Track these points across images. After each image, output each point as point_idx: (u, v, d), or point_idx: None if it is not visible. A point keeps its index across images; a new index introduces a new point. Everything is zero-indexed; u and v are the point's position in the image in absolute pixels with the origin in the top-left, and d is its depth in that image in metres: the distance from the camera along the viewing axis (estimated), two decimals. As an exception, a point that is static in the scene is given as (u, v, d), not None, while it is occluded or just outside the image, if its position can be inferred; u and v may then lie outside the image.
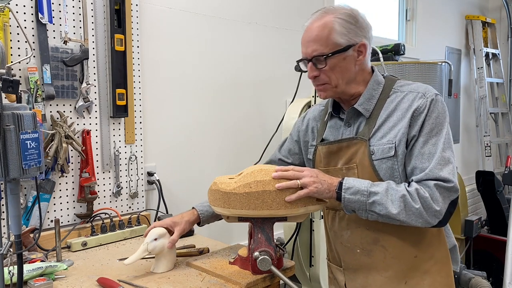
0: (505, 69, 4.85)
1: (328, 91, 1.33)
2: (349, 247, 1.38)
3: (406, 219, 1.21)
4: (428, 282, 1.31)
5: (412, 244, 1.31)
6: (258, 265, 1.31)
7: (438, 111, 1.26)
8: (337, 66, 1.28)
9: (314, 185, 1.24)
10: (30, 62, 1.65)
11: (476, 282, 2.74)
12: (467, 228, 2.96)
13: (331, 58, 1.27)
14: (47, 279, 1.31)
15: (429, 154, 1.23)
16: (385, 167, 1.27)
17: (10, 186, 1.07)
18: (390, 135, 1.27)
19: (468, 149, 4.66)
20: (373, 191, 1.22)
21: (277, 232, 2.30)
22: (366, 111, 1.32)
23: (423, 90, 1.29)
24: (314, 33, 1.28)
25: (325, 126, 1.44)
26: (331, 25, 1.26)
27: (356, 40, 1.28)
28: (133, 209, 2.01)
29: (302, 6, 2.77)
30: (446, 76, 2.94)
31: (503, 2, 4.74)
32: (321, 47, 1.27)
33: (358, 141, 1.31)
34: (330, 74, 1.29)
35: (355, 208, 1.25)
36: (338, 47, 1.27)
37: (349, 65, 1.29)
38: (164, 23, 2.12)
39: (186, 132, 2.24)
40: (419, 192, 1.20)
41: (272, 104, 2.63)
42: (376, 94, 1.33)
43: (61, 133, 1.71)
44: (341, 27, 1.26)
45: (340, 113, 1.41)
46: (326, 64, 1.28)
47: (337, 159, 1.36)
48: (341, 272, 1.44)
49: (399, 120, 1.27)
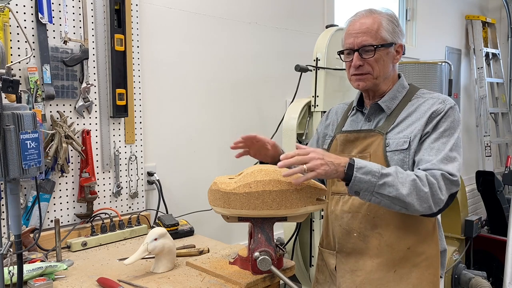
0: (505, 69, 4.85)
1: (368, 81, 1.41)
2: (347, 229, 1.42)
3: (414, 201, 1.23)
4: (415, 275, 1.37)
5: (407, 236, 1.37)
6: (258, 265, 1.31)
7: (454, 117, 1.36)
8: (381, 59, 1.39)
9: (322, 168, 1.21)
10: (30, 62, 1.65)
11: (476, 282, 2.75)
12: (467, 228, 2.95)
13: (379, 50, 1.38)
14: (47, 279, 1.31)
15: (437, 150, 1.30)
16: (396, 158, 1.35)
17: (10, 186, 1.07)
18: (406, 132, 1.36)
19: (468, 149, 4.66)
20: (385, 172, 1.24)
21: (277, 232, 2.30)
22: (388, 108, 1.43)
23: (443, 98, 1.40)
24: (365, 26, 1.39)
25: (346, 120, 1.54)
26: (380, 21, 1.39)
27: (398, 40, 1.42)
28: (133, 209, 2.01)
29: (302, 7, 2.76)
30: (446, 76, 2.94)
31: (503, 2, 4.74)
32: (371, 39, 1.38)
33: (376, 134, 1.40)
34: (374, 65, 1.39)
35: (362, 188, 1.23)
36: (385, 41, 1.39)
37: (389, 60, 1.42)
38: (164, 23, 2.12)
39: (186, 132, 2.24)
40: (428, 178, 1.26)
41: (272, 104, 2.63)
42: (400, 95, 1.44)
43: (61, 133, 1.71)
44: (388, 25, 1.40)
45: (363, 108, 1.50)
46: (374, 55, 1.38)
47: (352, 147, 1.44)
48: (333, 256, 1.48)
49: (417, 119, 1.37)
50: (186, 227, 1.91)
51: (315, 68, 2.10)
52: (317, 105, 2.11)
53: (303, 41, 2.74)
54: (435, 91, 1.61)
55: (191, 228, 1.92)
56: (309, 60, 2.15)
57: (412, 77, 2.71)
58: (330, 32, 2.13)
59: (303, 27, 2.77)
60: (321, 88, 2.09)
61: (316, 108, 2.11)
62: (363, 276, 1.39)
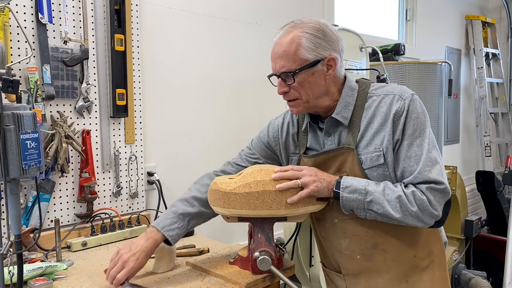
0: (505, 69, 4.85)
1: (300, 106, 1.32)
2: (349, 254, 1.37)
3: (403, 219, 1.22)
4: (427, 277, 1.35)
5: (410, 245, 1.33)
6: (258, 265, 1.31)
7: (417, 111, 1.26)
8: (305, 82, 1.27)
9: (315, 184, 1.24)
10: (30, 62, 1.65)
11: (476, 282, 2.74)
12: (467, 228, 2.95)
13: (299, 74, 1.26)
14: (47, 279, 1.31)
15: (416, 156, 1.24)
16: (376, 174, 1.28)
17: (10, 186, 1.07)
18: (375, 142, 1.27)
19: (468, 149, 4.66)
20: (370, 190, 1.22)
21: (277, 232, 2.30)
22: (345, 119, 1.31)
23: (398, 91, 1.29)
24: (282, 49, 1.26)
25: (306, 135, 1.42)
26: (298, 41, 1.25)
27: (325, 54, 1.26)
28: (133, 209, 2.01)
29: (302, 6, 2.76)
30: (446, 76, 2.94)
31: (503, 2, 4.74)
32: (289, 63, 1.25)
33: (345, 151, 1.30)
34: (299, 90, 1.28)
35: (353, 207, 1.25)
36: (305, 62, 1.25)
37: (318, 80, 1.28)
38: (164, 23, 2.12)
39: (186, 132, 2.24)
40: (416, 195, 1.21)
41: (272, 104, 2.62)
42: (352, 100, 1.32)
43: (61, 133, 1.71)
44: (309, 42, 1.25)
45: (318, 122, 1.39)
46: (294, 80, 1.26)
47: (325, 169, 1.34)
48: (342, 279, 1.43)
49: (381, 125, 1.27)
50: (186, 227, 1.91)
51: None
52: (317, 105, 2.10)
53: (303, 41, 2.73)
54: (435, 91, 1.56)
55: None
56: (309, 60, 2.15)
57: (412, 77, 2.71)
58: (330, 32, 2.12)
59: (303, 27, 2.77)
60: (321, 88, 2.09)
61: (316, 108, 2.11)
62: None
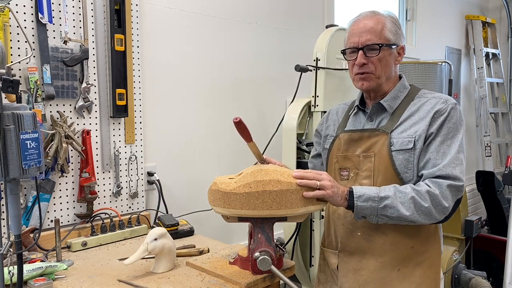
0: (505, 69, 4.85)
1: (371, 81, 1.42)
2: (351, 229, 1.44)
3: (416, 218, 1.29)
4: (419, 273, 1.39)
5: (411, 235, 1.39)
6: (258, 265, 1.31)
7: (456, 117, 1.37)
8: (383, 59, 1.41)
9: (332, 189, 1.30)
10: (30, 62, 1.65)
11: (476, 282, 2.74)
12: (467, 228, 2.95)
13: (383, 49, 1.40)
14: (47, 279, 1.31)
15: (444, 153, 1.33)
16: (401, 158, 1.36)
17: (10, 186, 1.07)
18: (410, 131, 1.38)
19: (468, 149, 4.65)
20: (383, 195, 1.29)
21: (277, 232, 2.29)
22: (390, 107, 1.44)
23: (445, 98, 1.42)
24: (369, 25, 1.41)
25: (348, 119, 1.55)
26: (384, 22, 1.42)
27: (400, 42, 1.45)
28: (133, 209, 2.01)
29: (302, 7, 2.76)
30: (446, 76, 2.94)
31: (503, 2, 4.74)
32: (375, 38, 1.40)
33: (380, 133, 1.41)
34: (377, 64, 1.41)
35: (366, 214, 1.31)
36: (388, 41, 1.41)
37: (391, 61, 1.44)
38: (164, 23, 2.12)
39: (186, 132, 2.24)
40: (429, 191, 1.29)
41: (272, 104, 2.63)
42: (401, 95, 1.46)
43: (61, 133, 1.71)
44: (391, 27, 1.42)
45: (365, 107, 1.51)
46: (378, 53, 1.39)
47: (356, 146, 1.45)
48: (335, 255, 1.49)
49: (421, 119, 1.38)
50: (186, 227, 1.91)
51: (315, 68, 2.10)
52: (317, 105, 2.11)
53: (303, 41, 2.73)
54: (435, 91, 1.62)
55: (191, 228, 1.92)
56: (309, 60, 2.15)
57: (412, 77, 2.71)
58: (330, 32, 2.13)
59: (303, 27, 2.77)
60: (321, 88, 2.09)
61: (316, 108, 2.11)
62: (366, 275, 1.40)
